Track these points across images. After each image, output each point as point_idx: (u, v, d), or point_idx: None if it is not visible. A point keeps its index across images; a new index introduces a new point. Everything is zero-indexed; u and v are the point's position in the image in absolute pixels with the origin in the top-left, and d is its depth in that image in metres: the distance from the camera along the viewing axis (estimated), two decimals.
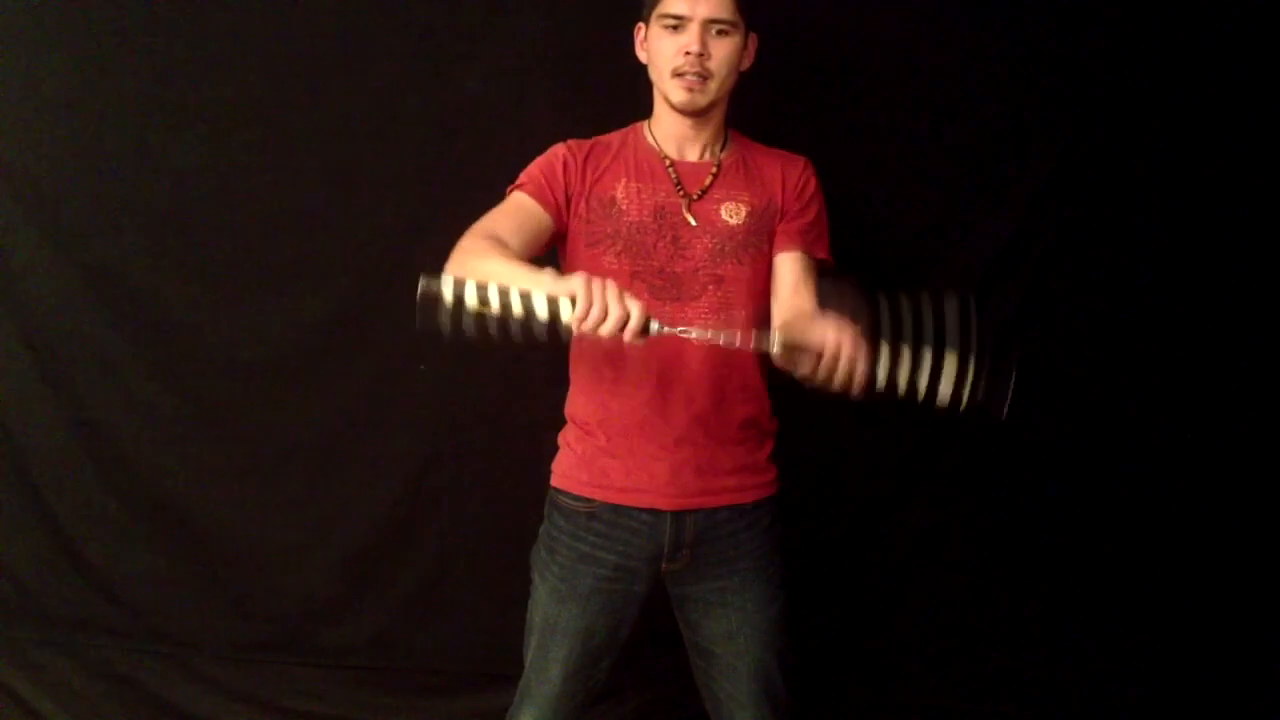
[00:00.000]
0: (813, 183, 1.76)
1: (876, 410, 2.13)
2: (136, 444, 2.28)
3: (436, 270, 1.45)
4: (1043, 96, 2.13)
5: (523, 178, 1.73)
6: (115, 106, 2.20)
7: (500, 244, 1.56)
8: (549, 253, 1.72)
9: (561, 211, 1.69)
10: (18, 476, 2.29)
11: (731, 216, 1.70)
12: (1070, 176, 2.14)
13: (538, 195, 1.69)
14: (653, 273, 1.67)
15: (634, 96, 1.80)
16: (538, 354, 2.21)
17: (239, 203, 2.22)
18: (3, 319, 2.26)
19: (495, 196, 2.16)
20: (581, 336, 1.42)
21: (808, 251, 1.71)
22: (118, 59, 2.19)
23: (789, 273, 1.70)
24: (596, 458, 1.71)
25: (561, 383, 1.81)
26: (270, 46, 2.18)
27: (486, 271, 1.44)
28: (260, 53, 2.18)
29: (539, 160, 1.75)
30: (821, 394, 1.44)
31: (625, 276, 1.65)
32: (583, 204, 1.70)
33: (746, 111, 1.80)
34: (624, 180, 1.70)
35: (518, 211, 1.68)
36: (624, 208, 1.68)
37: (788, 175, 1.75)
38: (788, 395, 1.76)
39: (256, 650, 2.33)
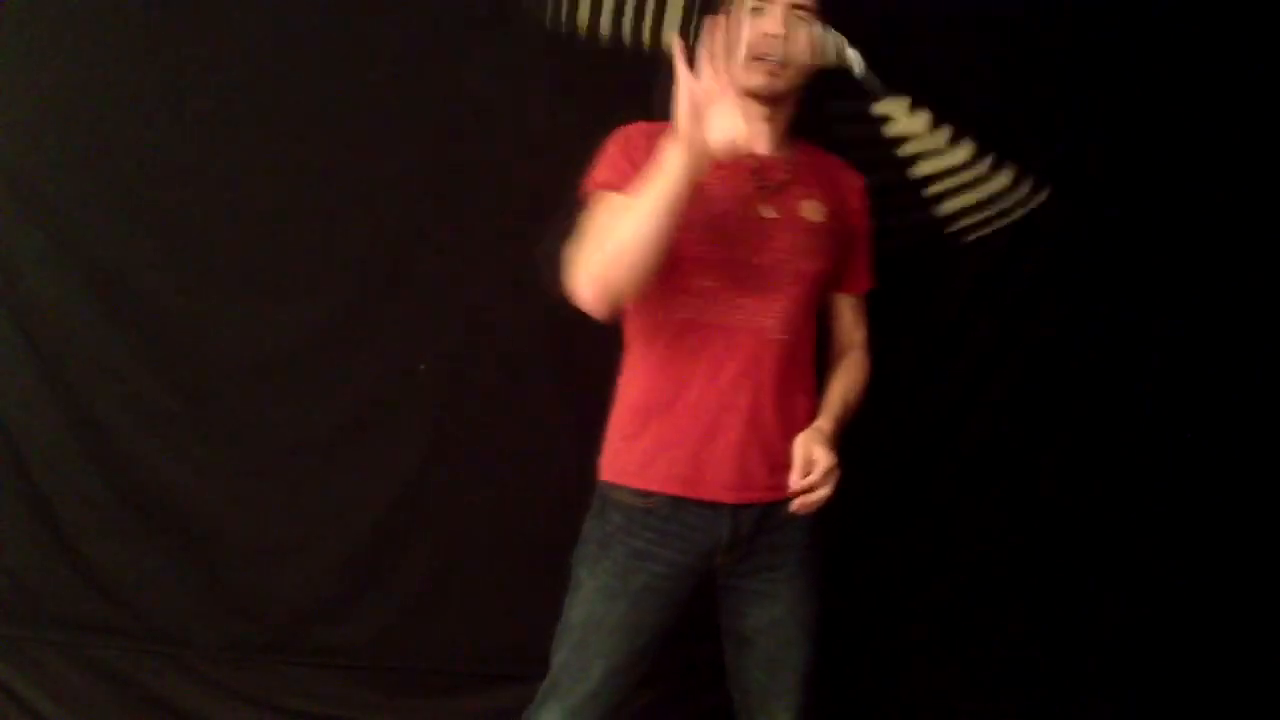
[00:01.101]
0: (870, 207, 1.80)
1: (876, 410, 2.15)
2: (136, 444, 2.28)
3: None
4: (1042, 96, 2.13)
5: (607, 173, 1.66)
6: (115, 106, 2.20)
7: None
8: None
9: None
10: (18, 476, 2.29)
11: (813, 214, 1.69)
12: (1070, 176, 2.14)
13: (632, 189, 1.60)
14: (737, 264, 1.64)
15: (634, 96, 1.80)
16: (538, 354, 2.23)
17: (239, 202, 2.22)
18: (3, 319, 2.26)
19: (495, 196, 2.17)
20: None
21: (863, 295, 1.81)
22: (118, 59, 2.19)
23: (851, 310, 1.82)
24: (661, 449, 1.66)
25: (561, 383, 1.81)
26: (270, 46, 2.18)
27: (616, 241, 1.51)
28: (260, 53, 2.18)
29: (612, 151, 1.68)
30: None
31: (709, 265, 1.63)
32: None
33: None
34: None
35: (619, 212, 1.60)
36: (711, 195, 1.62)
37: (854, 192, 1.78)
38: None
39: (256, 650, 2.33)
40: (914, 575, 2.27)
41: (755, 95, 1.66)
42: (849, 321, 1.82)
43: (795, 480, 1.55)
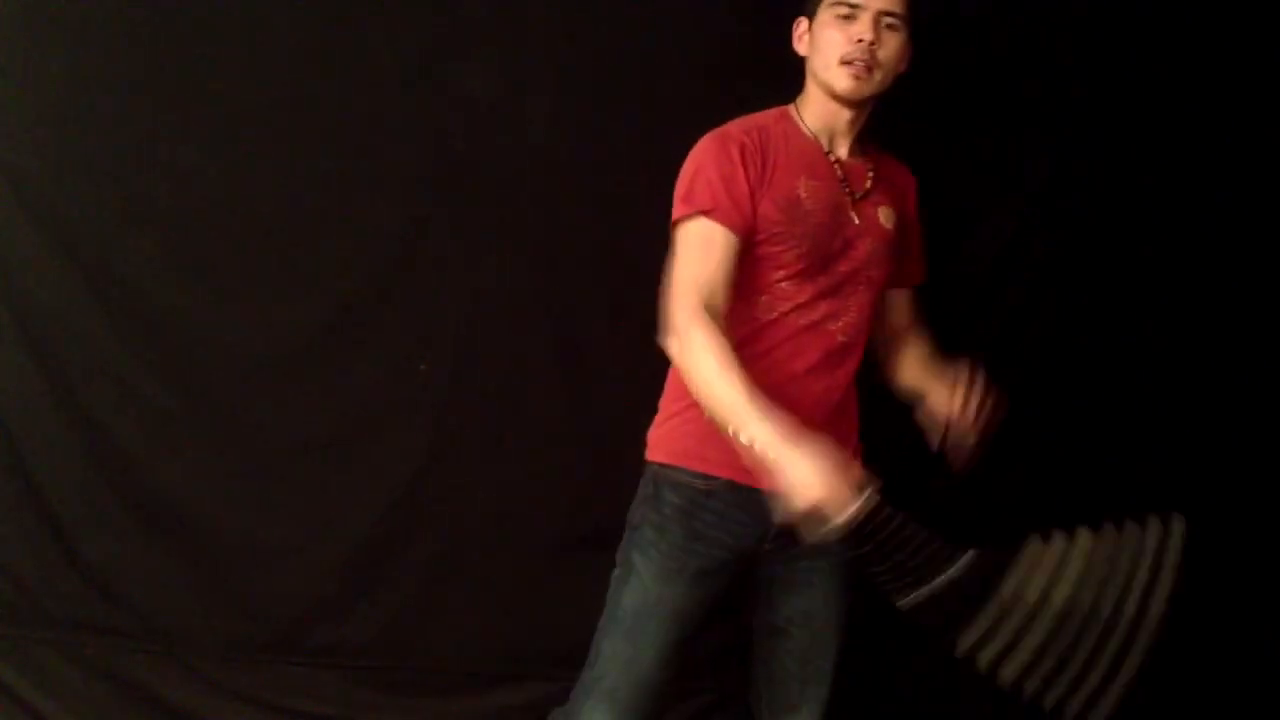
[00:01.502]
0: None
1: (877, 410, 2.14)
2: (136, 444, 2.28)
3: None
4: (1042, 97, 2.13)
5: (706, 197, 1.62)
6: (115, 106, 2.20)
7: (729, 357, 1.54)
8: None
9: (752, 223, 1.63)
10: (18, 477, 2.29)
11: (887, 221, 1.72)
12: (1070, 177, 2.14)
13: (730, 222, 1.61)
14: (824, 271, 1.66)
15: (634, 96, 1.80)
16: (539, 354, 2.23)
17: (239, 202, 2.22)
18: (3, 319, 2.26)
19: (494, 197, 2.17)
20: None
21: (921, 281, 1.84)
22: (118, 59, 2.19)
23: (907, 301, 1.85)
24: (716, 434, 1.59)
25: (562, 383, 1.80)
26: (270, 46, 2.18)
27: (706, 388, 1.54)
28: (260, 53, 2.18)
29: (713, 167, 1.63)
30: None
31: (800, 274, 1.64)
32: (769, 205, 1.63)
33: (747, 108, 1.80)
34: (803, 178, 1.66)
35: (718, 252, 1.60)
36: (810, 208, 1.65)
37: (910, 190, 1.81)
38: None
39: (256, 650, 2.33)
40: None
41: (841, 99, 1.68)
42: (904, 312, 1.85)
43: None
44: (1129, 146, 2.14)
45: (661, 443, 1.71)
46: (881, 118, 2.12)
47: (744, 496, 1.63)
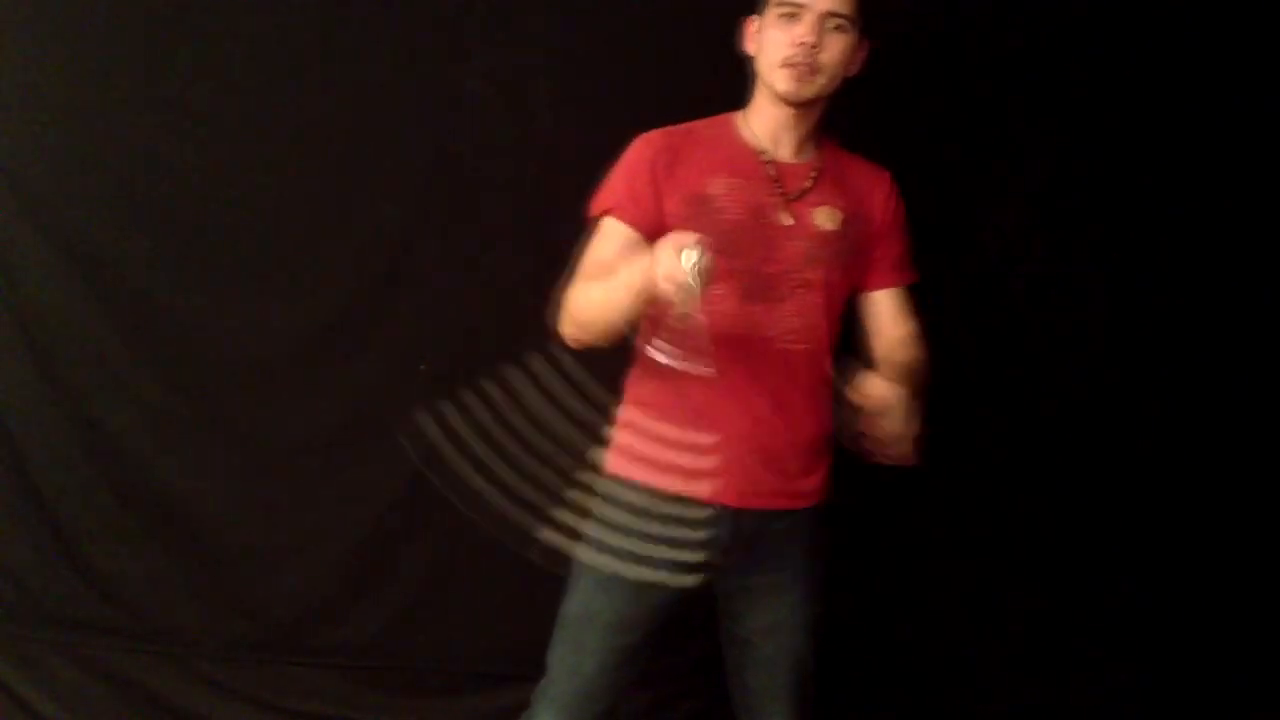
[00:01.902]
0: (900, 200, 1.77)
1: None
2: (136, 444, 2.28)
3: None
4: (1041, 98, 2.13)
5: (608, 197, 1.68)
6: (115, 106, 2.20)
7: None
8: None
9: (655, 222, 1.63)
10: (18, 476, 2.29)
11: (827, 222, 1.68)
12: (1069, 177, 2.14)
13: (630, 218, 1.65)
14: (746, 273, 1.63)
15: (634, 96, 1.80)
16: (539, 353, 2.23)
17: (239, 202, 2.22)
18: (3, 319, 2.26)
19: (494, 197, 2.17)
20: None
21: (903, 284, 1.76)
22: (118, 59, 2.19)
23: (889, 305, 1.76)
24: (666, 448, 1.63)
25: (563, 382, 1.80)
26: (270, 46, 2.18)
27: (587, 306, 1.59)
28: (260, 53, 2.18)
29: (621, 169, 1.69)
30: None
31: (719, 275, 1.59)
32: (675, 202, 1.64)
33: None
34: (721, 176, 1.66)
35: (613, 244, 1.66)
36: (722, 206, 1.64)
37: (878, 190, 1.74)
38: None
39: (256, 650, 2.33)
40: (913, 576, 2.27)
41: (783, 100, 1.66)
42: (888, 317, 1.77)
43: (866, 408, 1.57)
44: (1129, 146, 2.14)
45: (611, 456, 1.70)
46: (882, 117, 2.13)
47: (688, 511, 1.63)
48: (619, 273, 1.54)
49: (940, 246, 2.16)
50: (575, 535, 1.56)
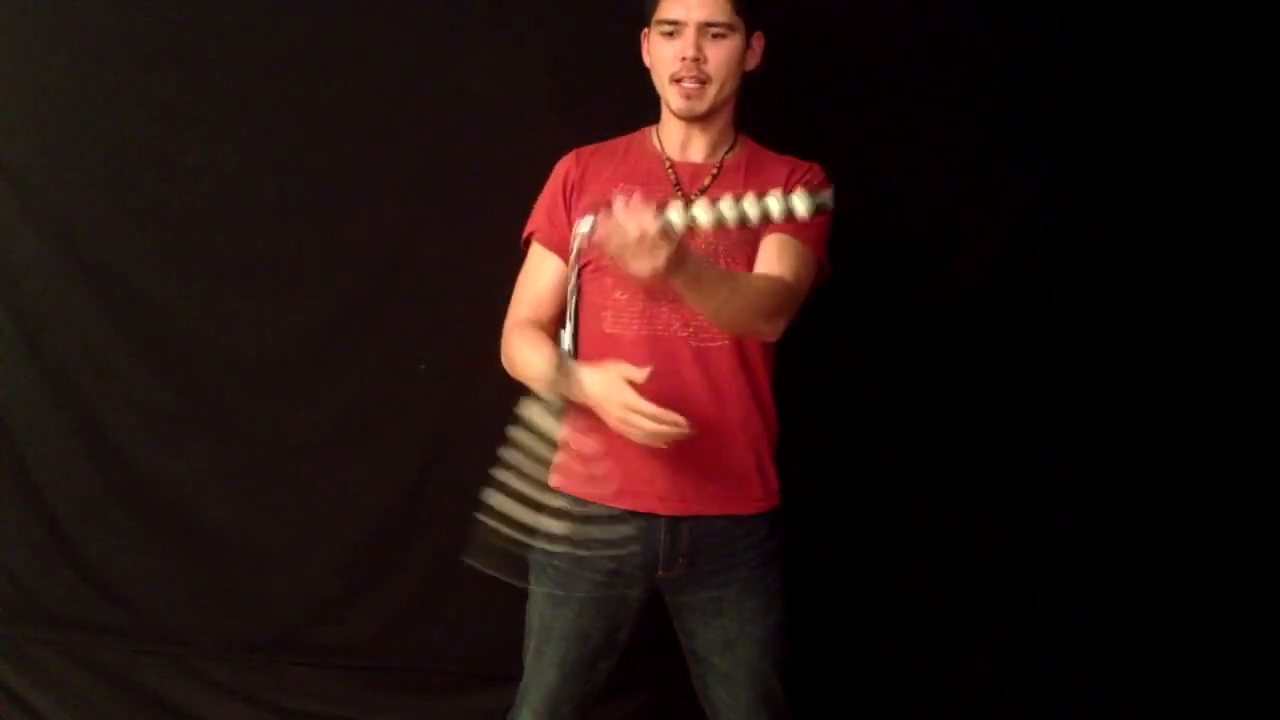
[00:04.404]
0: (814, 186, 1.72)
1: (877, 410, 2.14)
2: (136, 444, 2.28)
3: None
4: (1039, 99, 2.13)
5: (531, 221, 1.78)
6: (115, 106, 2.20)
7: (540, 337, 1.68)
8: None
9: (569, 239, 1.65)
10: (18, 476, 2.29)
11: None
12: (1067, 179, 2.14)
13: (549, 241, 1.74)
14: None
15: (634, 96, 1.80)
16: None
17: (239, 202, 2.22)
18: (3, 319, 2.26)
19: (494, 196, 2.17)
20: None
21: (795, 235, 1.64)
22: (118, 59, 2.19)
23: (772, 247, 1.65)
24: (596, 459, 1.65)
25: None
26: (270, 46, 2.18)
27: (516, 358, 1.68)
28: (261, 53, 2.19)
29: (545, 191, 1.78)
30: None
31: (623, 278, 1.61)
32: (580, 215, 1.66)
33: (743, 113, 1.80)
34: (621, 184, 1.67)
35: (542, 272, 1.75)
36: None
37: (793, 180, 1.70)
38: (786, 399, 1.77)
39: (256, 650, 2.33)
40: (913, 577, 2.26)
41: (679, 116, 1.69)
42: (770, 257, 1.65)
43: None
44: (1129, 146, 2.14)
45: (553, 470, 1.68)
46: (882, 117, 2.14)
47: (624, 523, 1.64)
48: (541, 351, 1.62)
49: (940, 247, 2.18)
50: (523, 550, 1.57)
